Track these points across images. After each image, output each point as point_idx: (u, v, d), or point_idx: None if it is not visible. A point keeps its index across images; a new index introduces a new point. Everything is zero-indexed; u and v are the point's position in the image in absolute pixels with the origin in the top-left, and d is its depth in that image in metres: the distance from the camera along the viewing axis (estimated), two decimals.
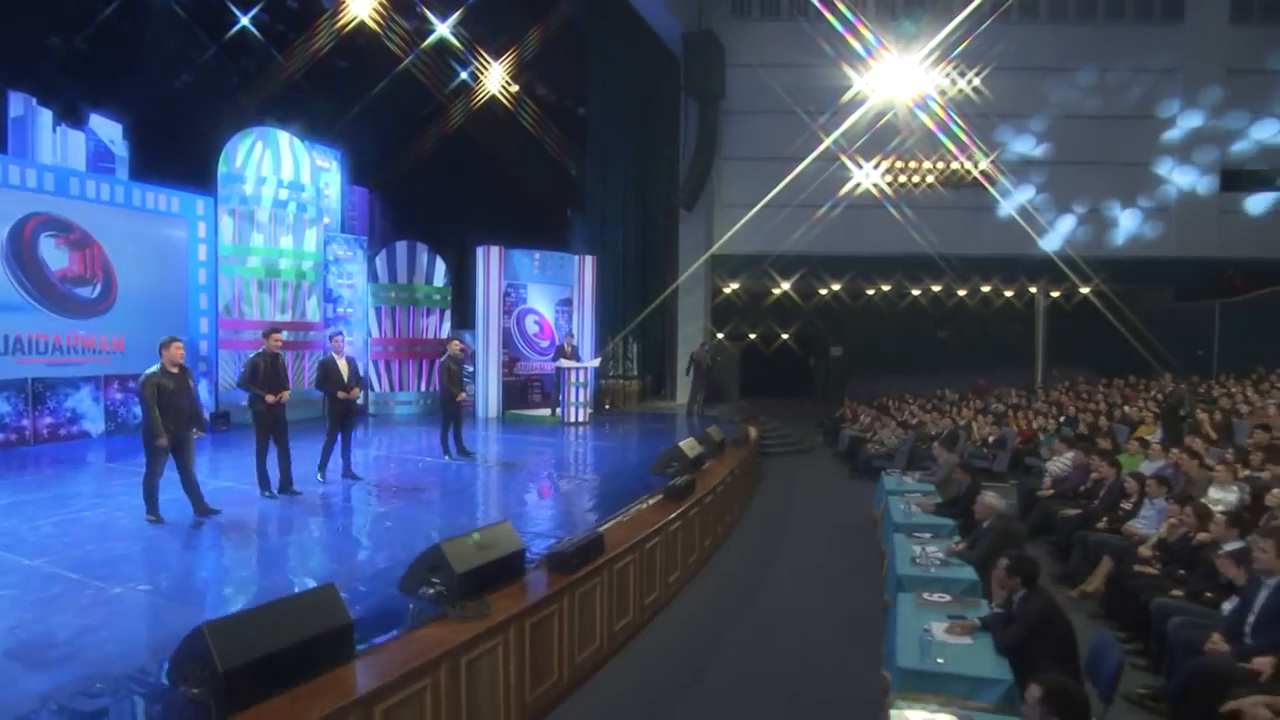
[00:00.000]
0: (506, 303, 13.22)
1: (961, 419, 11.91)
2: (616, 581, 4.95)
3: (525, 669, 3.95)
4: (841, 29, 15.64)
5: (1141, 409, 11.23)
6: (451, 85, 13.71)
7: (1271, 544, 4.00)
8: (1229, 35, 16.69)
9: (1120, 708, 4.26)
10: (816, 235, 16.34)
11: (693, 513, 6.44)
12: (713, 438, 8.71)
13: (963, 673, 3.41)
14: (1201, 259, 16.83)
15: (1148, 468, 7.62)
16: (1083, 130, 16.62)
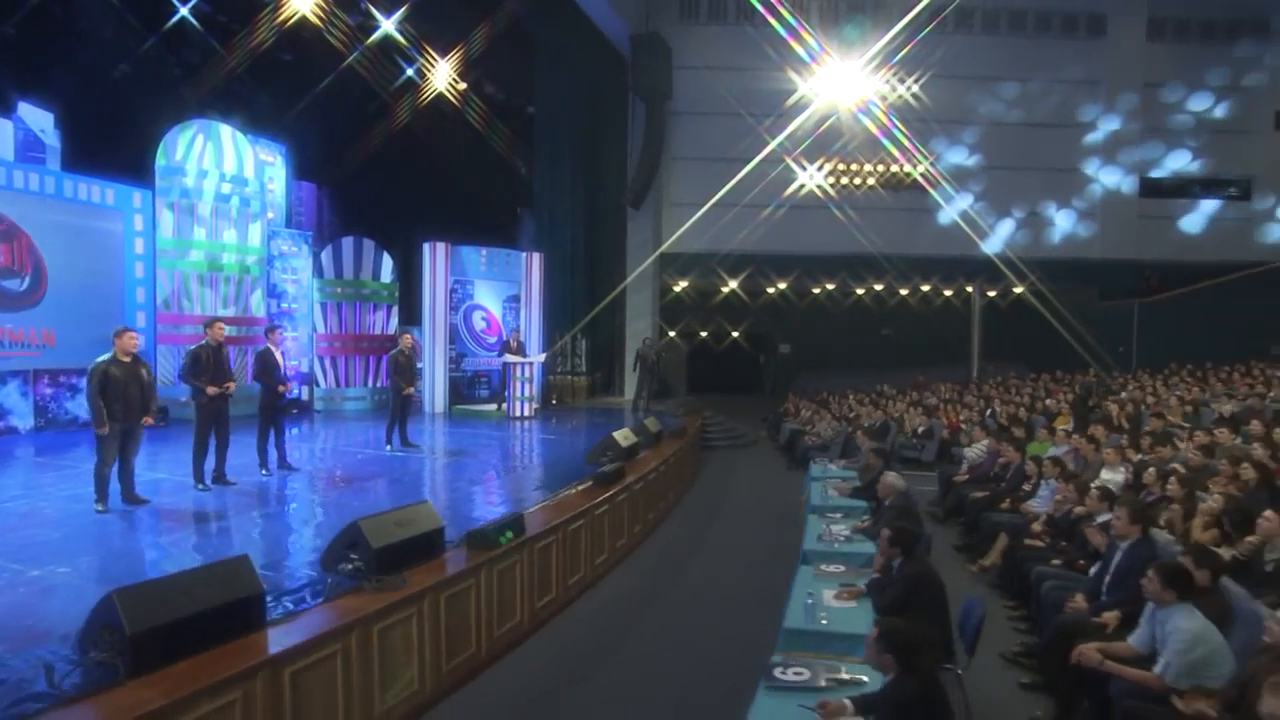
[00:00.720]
0: (453, 299, 13.30)
1: (895, 412, 12.43)
2: (538, 560, 5.16)
3: (441, 639, 4.13)
4: (786, 34, 16.14)
5: (1060, 401, 11.88)
6: (398, 82, 13.72)
7: (1124, 511, 4.43)
8: (1146, 51, 17.68)
9: (998, 666, 4.66)
10: (763, 235, 16.80)
11: (621, 498, 6.69)
12: (649, 429, 8.98)
13: (842, 631, 3.72)
14: (1123, 261, 17.79)
15: (1053, 453, 8.15)
16: (1013, 137, 17.41)
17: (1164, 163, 18.07)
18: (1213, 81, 17.74)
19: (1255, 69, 17.69)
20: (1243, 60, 17.69)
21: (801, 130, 16.66)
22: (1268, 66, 17.70)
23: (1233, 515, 4.93)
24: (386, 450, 8.82)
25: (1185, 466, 6.73)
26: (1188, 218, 18.16)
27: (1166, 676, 3.27)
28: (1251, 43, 17.69)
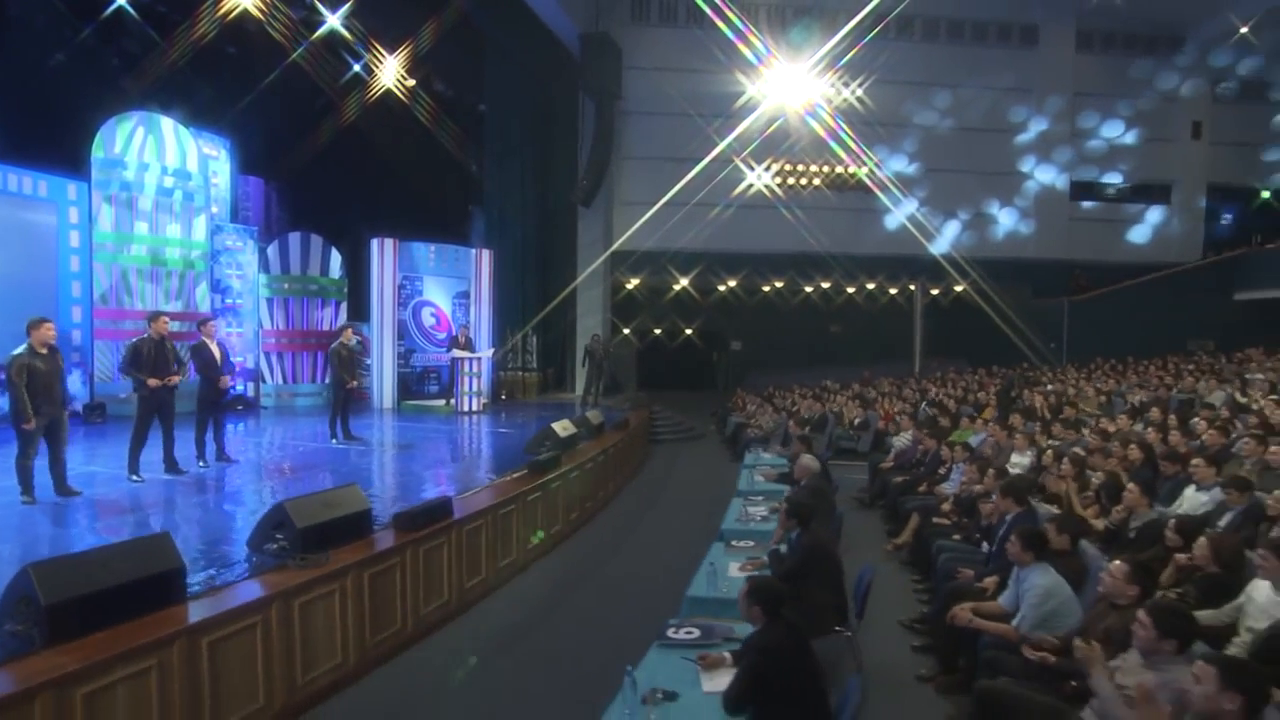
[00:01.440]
0: (402, 295, 13.33)
1: (835, 406, 12.88)
2: (466, 543, 5.35)
3: (365, 615, 4.30)
4: (734, 37, 16.52)
5: (989, 394, 12.46)
6: (345, 77, 13.68)
7: (1008, 499, 4.82)
8: (1075, 61, 18.56)
9: (896, 631, 5.02)
10: (712, 233, 17.17)
11: (555, 485, 6.90)
12: (590, 421, 9.21)
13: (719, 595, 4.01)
14: (1055, 261, 18.65)
15: (973, 440, 8.63)
16: (952, 141, 18.10)
17: (1093, 167, 18.98)
18: (1137, 92, 18.70)
19: (1174, 82, 18.70)
20: (1163, 73, 18.69)
21: (750, 131, 17.07)
22: (1184, 81, 18.73)
23: (1107, 490, 5.40)
24: (332, 443, 8.90)
25: (1084, 450, 7.25)
26: (1114, 220, 19.12)
27: (1022, 628, 3.63)
28: (1170, 57, 18.72)
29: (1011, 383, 11.11)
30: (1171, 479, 5.93)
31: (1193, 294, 17.75)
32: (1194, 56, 18.67)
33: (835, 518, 5.57)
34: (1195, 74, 18.82)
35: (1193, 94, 18.92)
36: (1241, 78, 18.85)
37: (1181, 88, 18.80)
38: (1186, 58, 18.69)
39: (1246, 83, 18.99)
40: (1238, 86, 19.07)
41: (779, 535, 4.49)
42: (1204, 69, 18.76)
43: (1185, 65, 18.75)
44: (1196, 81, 18.85)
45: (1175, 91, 18.77)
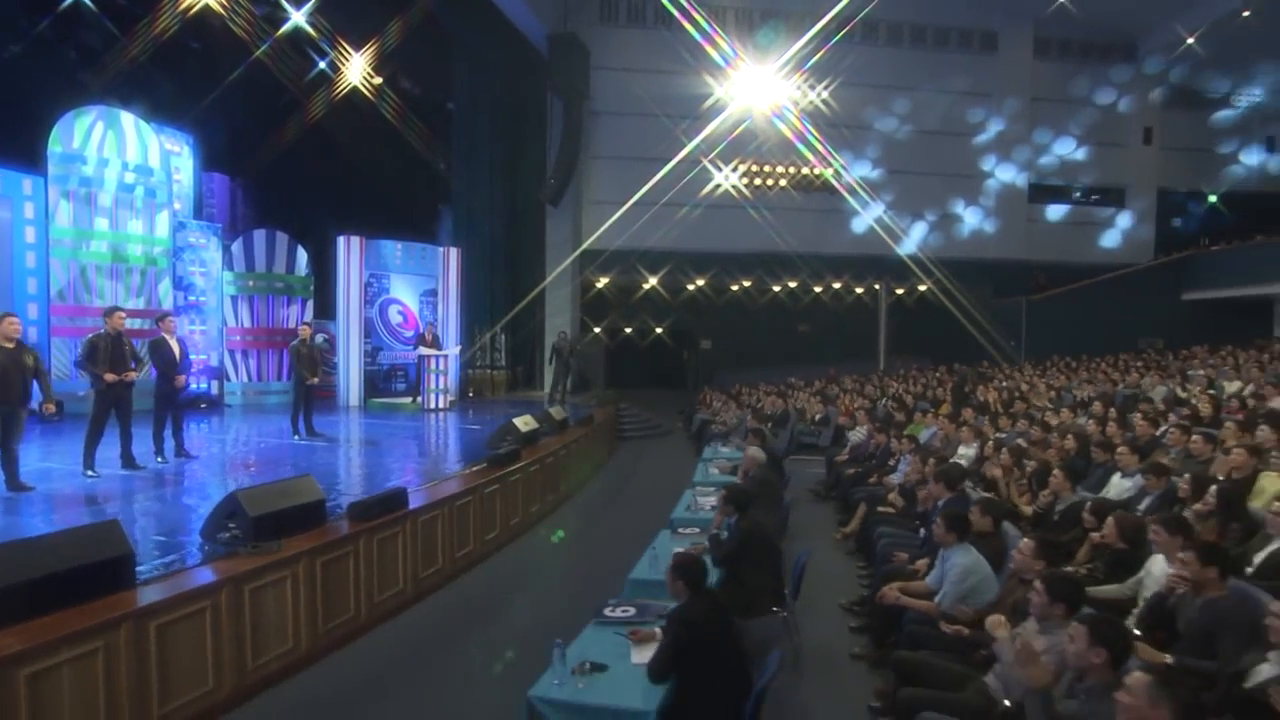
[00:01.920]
0: (369, 292, 13.32)
1: (798, 402, 13.14)
2: (422, 533, 5.45)
3: (318, 602, 4.39)
4: (702, 39, 16.75)
5: (945, 390, 12.81)
6: (311, 74, 13.63)
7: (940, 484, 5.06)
8: (1033, 68, 19.09)
9: (836, 614, 5.23)
10: (681, 233, 17.38)
11: (514, 478, 7.03)
12: (553, 417, 9.34)
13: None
14: (1014, 261, 19.17)
15: (926, 434, 8.93)
16: (914, 144, 18.52)
17: (1050, 172, 19.54)
18: (1091, 98, 19.31)
19: (1126, 90, 19.36)
20: (1116, 81, 19.31)
21: (717, 132, 17.30)
22: (1136, 88, 19.38)
23: (1038, 477, 5.67)
24: (294, 439, 8.92)
25: (1026, 441, 7.56)
26: (1071, 223, 19.70)
27: (943, 604, 3.85)
28: (1123, 66, 19.36)
29: (965, 378, 11.47)
30: (1101, 466, 6.24)
31: (1144, 294, 18.36)
32: (1145, 65, 19.32)
33: (781, 507, 5.77)
34: (1146, 82, 19.48)
35: (1144, 101, 19.59)
36: (1189, 87, 19.55)
37: (1133, 95, 19.44)
38: (1138, 66, 19.35)
39: (1194, 91, 19.70)
40: (1186, 95, 19.76)
41: (718, 521, 4.68)
42: (1154, 77, 19.43)
43: (1137, 74, 19.41)
44: (1147, 89, 19.52)
45: (1128, 99, 19.40)
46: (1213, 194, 20.25)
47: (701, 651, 2.84)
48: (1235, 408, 8.40)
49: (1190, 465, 6.00)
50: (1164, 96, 19.81)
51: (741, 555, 4.20)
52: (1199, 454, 6.14)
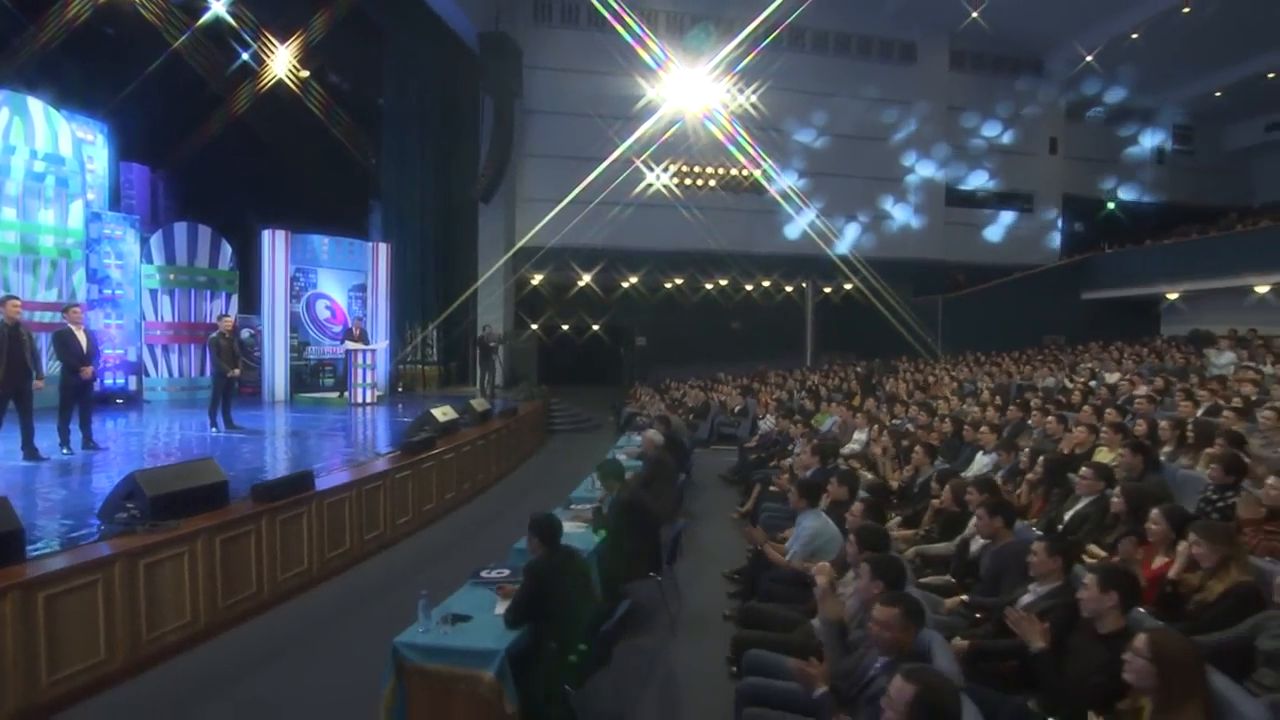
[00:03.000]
0: (295, 287, 13.25)
1: (720, 395, 13.66)
2: (329, 515, 5.65)
3: (217, 579, 4.57)
4: (633, 42, 17.12)
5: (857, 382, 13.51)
6: (234, 66, 13.45)
7: (815, 456, 5.54)
8: (949, 79, 20.14)
9: (718, 581, 5.66)
10: (614, 231, 17.72)
11: (428, 466, 7.26)
12: (475, 408, 9.56)
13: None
14: (932, 261, 20.17)
15: (829, 421, 9.51)
16: (838, 148, 19.31)
17: (965, 177, 20.65)
18: (1002, 109, 20.48)
19: (1034, 101, 20.60)
20: (1025, 93, 20.55)
21: (650, 133, 17.70)
22: (1043, 101, 20.66)
23: (905, 455, 6.23)
24: (211, 432, 8.91)
25: (913, 426, 8.18)
26: (984, 225, 20.87)
27: (794, 562, 4.29)
28: (1031, 79, 20.60)
29: (872, 371, 12.17)
30: (969, 446, 6.86)
31: (1048, 293, 19.59)
32: (1050, 79, 20.59)
33: (676, 486, 6.18)
34: (1052, 95, 20.76)
35: (1050, 113, 20.88)
36: (1090, 101, 20.93)
37: (1040, 107, 20.70)
38: (1044, 80, 20.61)
39: (1094, 104, 21.10)
40: (1087, 108, 21.16)
41: (602, 495, 5.04)
42: (1059, 91, 20.72)
43: (1043, 87, 20.66)
44: (1053, 102, 20.80)
45: (1035, 110, 20.65)
46: (1110, 201, 21.72)
47: (552, 598, 3.18)
48: (1104, 395, 9.25)
49: (1046, 444, 6.67)
50: (1067, 109, 21.14)
51: (621, 524, 4.57)
52: (1053, 434, 6.82)
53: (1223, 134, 22.14)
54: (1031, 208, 21.24)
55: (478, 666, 2.97)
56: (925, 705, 1.82)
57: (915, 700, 1.83)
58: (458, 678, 3.00)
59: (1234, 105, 20.34)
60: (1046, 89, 20.65)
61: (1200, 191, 21.96)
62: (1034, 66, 20.61)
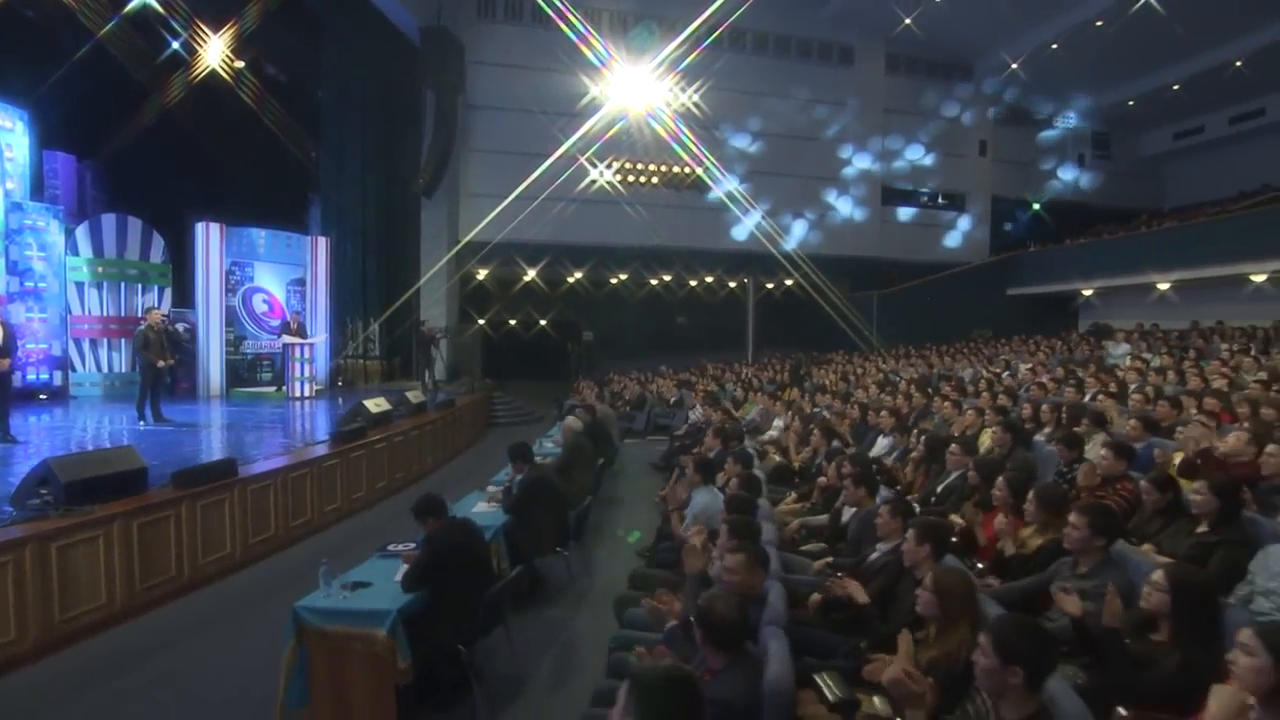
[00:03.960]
0: (231, 281, 13.11)
1: (657, 388, 14.04)
2: (253, 501, 5.79)
3: (134, 562, 4.69)
4: (577, 39, 17.32)
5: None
6: (164, 54, 13.20)
7: (717, 439, 5.91)
8: (885, 82, 20.89)
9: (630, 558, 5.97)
10: (559, 226, 17.92)
11: (356, 455, 7.41)
12: (409, 400, 9.70)
13: None
14: (868, 258, 20.93)
15: (755, 410, 9.95)
16: (778, 147, 19.86)
17: (899, 178, 21.45)
18: (936, 112, 21.33)
19: (965, 105, 21.52)
20: (957, 97, 21.44)
21: (594, 130, 17.93)
22: (974, 105, 21.59)
23: (804, 437, 6.66)
24: (140, 426, 8.85)
25: (831, 413, 8.66)
26: (918, 224, 21.73)
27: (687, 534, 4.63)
28: (962, 84, 21.52)
29: (800, 364, 12.69)
30: (872, 429, 7.34)
31: (977, 289, 20.52)
32: (980, 85, 21.54)
33: (594, 470, 6.48)
34: (982, 100, 21.72)
35: (980, 117, 21.83)
36: (1017, 106, 21.97)
37: (971, 111, 21.63)
38: (973, 85, 21.55)
39: (1021, 111, 22.16)
40: (1015, 113, 22.19)
41: (512, 476, 5.31)
42: (988, 96, 21.68)
43: (974, 92, 21.60)
44: (983, 106, 21.76)
45: (967, 114, 21.58)
46: (1036, 202, 22.83)
47: (448, 564, 3.45)
48: (1008, 384, 9.90)
49: (942, 427, 7.19)
50: (996, 114, 22.13)
51: (527, 503, 4.85)
52: (949, 418, 7.35)
53: (1137, 140, 23.46)
54: (963, 207, 22.18)
55: (372, 626, 3.22)
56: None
57: (703, 621, 2.20)
58: (354, 637, 3.24)
59: (1145, 114, 21.58)
60: (976, 94, 21.59)
61: (1118, 194, 23.23)
62: (964, 72, 21.52)
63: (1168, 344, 13.30)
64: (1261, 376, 7.65)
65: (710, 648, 2.20)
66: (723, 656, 2.20)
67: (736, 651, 2.21)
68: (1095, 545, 2.99)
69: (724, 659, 2.19)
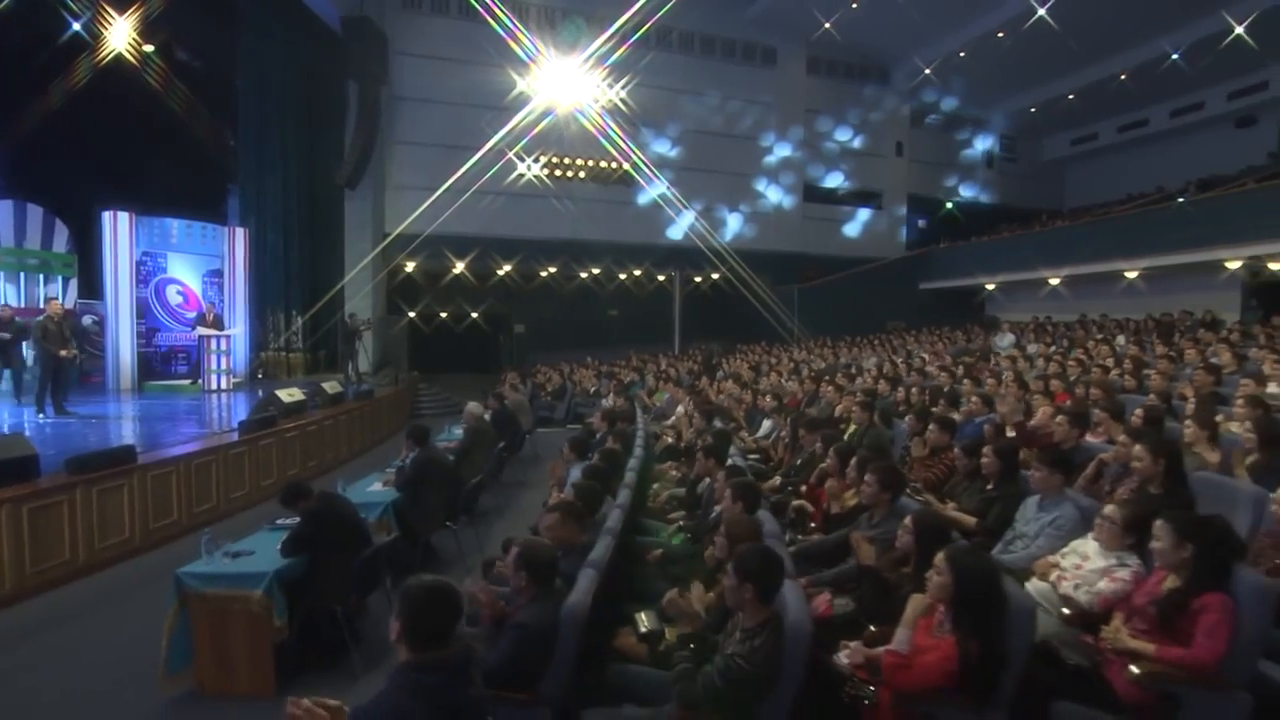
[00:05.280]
0: (142, 272, 12.84)
1: (580, 380, 14.43)
2: (153, 487, 5.92)
3: (24, 546, 4.81)
4: (504, 34, 17.45)
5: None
6: (65, 36, 12.78)
7: (604, 422, 6.35)
8: (806, 83, 21.71)
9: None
10: (488, 219, 18.07)
11: (265, 443, 7.55)
12: (326, 390, 9.82)
13: (359, 502, 5.07)
14: (790, 253, 21.74)
15: (664, 398, 10.43)
16: (704, 143, 20.46)
17: (821, 175, 22.35)
18: (855, 113, 22.30)
19: (881, 107, 22.55)
20: (874, 99, 22.45)
21: (522, 125, 18.10)
22: (889, 107, 22.65)
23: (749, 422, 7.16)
24: (39, 419, 8.72)
25: (731, 399, 9.20)
26: (838, 220, 22.70)
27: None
28: (880, 87, 22.54)
29: (712, 354, 13.29)
30: (760, 413, 7.90)
31: (893, 283, 21.60)
32: (895, 88, 22.61)
33: (494, 453, 6.83)
34: (898, 103, 22.79)
35: (896, 119, 22.91)
36: (930, 108, 23.15)
37: (888, 113, 22.69)
38: (890, 88, 22.60)
39: (934, 113, 23.36)
40: (927, 115, 23.38)
41: (404, 454, 5.63)
42: (903, 99, 22.78)
43: (889, 95, 22.65)
44: (898, 108, 22.84)
45: (883, 115, 22.62)
46: (948, 201, 24.12)
47: (324, 534, 3.77)
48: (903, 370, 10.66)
49: (825, 410, 7.80)
50: (911, 116, 23.26)
51: (417, 481, 5.18)
52: (832, 401, 7.97)
53: (1040, 145, 25.03)
54: (881, 205, 23.25)
55: (249, 587, 3.51)
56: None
57: (518, 556, 2.61)
58: (232, 598, 3.53)
59: (1045, 121, 23.04)
60: (893, 97, 22.66)
61: (1024, 195, 24.75)
62: (882, 75, 22.54)
63: (1054, 335, 14.44)
64: (1109, 363, 8.55)
65: (524, 582, 2.62)
66: (532, 590, 2.61)
67: (544, 587, 2.63)
68: (883, 499, 3.53)
69: (533, 592, 2.61)
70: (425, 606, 1.80)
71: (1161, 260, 14.49)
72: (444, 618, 1.83)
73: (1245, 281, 13.81)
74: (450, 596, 1.86)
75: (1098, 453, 4.37)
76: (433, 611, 1.81)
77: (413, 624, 1.78)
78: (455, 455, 6.61)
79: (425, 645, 1.78)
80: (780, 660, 2.25)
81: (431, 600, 1.82)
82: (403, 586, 1.90)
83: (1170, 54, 17.67)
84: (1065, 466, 3.60)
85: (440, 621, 1.81)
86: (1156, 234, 14.83)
